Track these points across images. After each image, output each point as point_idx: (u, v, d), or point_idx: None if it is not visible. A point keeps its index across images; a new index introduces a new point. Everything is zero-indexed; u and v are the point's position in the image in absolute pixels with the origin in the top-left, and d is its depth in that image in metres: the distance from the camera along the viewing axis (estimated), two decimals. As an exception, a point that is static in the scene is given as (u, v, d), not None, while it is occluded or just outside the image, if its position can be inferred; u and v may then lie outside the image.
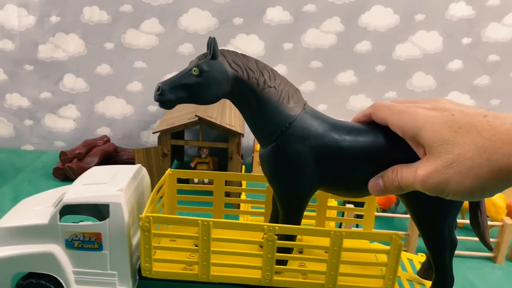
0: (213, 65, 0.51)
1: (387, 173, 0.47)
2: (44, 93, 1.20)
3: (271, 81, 0.53)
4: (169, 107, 0.53)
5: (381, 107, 0.49)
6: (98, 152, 1.09)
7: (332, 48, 1.14)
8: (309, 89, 1.17)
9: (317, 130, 0.53)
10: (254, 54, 1.13)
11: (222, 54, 0.53)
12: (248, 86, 0.53)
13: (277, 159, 0.54)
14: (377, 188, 0.49)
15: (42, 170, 1.11)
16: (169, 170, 0.73)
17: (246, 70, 0.53)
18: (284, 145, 0.54)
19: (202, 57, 0.53)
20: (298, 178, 0.54)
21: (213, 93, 0.52)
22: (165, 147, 0.98)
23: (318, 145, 0.53)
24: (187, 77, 0.52)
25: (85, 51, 1.15)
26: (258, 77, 0.53)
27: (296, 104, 0.54)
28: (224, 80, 0.52)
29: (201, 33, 1.13)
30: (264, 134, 0.55)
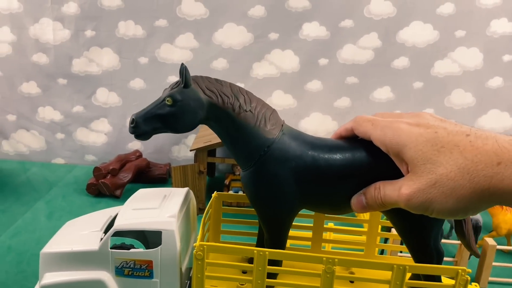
0: (187, 94, 0.52)
1: (370, 190, 0.47)
2: (76, 107, 1.20)
3: (246, 105, 0.53)
4: (145, 138, 0.54)
5: (363, 121, 0.48)
6: (132, 167, 1.08)
7: (369, 64, 1.12)
8: (344, 105, 1.15)
9: (295, 151, 0.52)
10: (288, 69, 1.13)
11: (195, 81, 0.53)
12: (223, 111, 0.53)
13: (257, 183, 0.54)
14: (360, 205, 0.48)
15: (75, 185, 1.10)
16: (215, 193, 0.71)
17: (220, 96, 0.53)
18: (264, 169, 0.53)
19: (175, 85, 0.53)
20: (279, 201, 0.54)
21: (189, 121, 0.53)
22: (202, 164, 0.96)
23: (297, 166, 0.52)
24: (161, 108, 0.52)
25: (119, 65, 1.15)
26: (233, 102, 0.53)
27: (274, 127, 0.54)
28: (199, 108, 0.52)
29: (236, 48, 1.12)
30: (244, 159, 0.54)
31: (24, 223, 0.92)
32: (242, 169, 0.58)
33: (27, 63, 1.15)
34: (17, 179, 1.12)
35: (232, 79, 1.12)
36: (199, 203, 0.98)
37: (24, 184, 1.09)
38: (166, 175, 1.14)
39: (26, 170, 1.18)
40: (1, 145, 1.24)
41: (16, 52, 1.15)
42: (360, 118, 0.49)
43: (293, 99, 1.16)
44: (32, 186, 1.09)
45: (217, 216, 0.71)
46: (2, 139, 1.23)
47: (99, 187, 1.03)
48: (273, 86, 1.15)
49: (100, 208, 1.00)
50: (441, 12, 1.07)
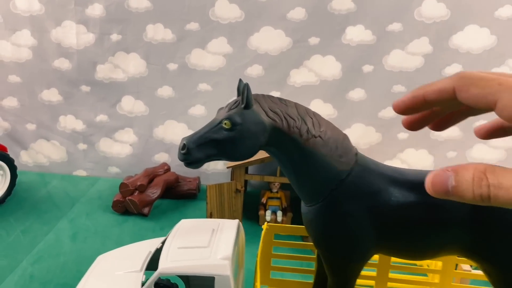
0: (247, 116, 0.44)
1: (467, 171, 0.28)
2: (100, 116, 1.12)
3: (315, 129, 0.46)
4: (197, 166, 0.46)
5: (480, 79, 0.28)
6: (160, 183, 1.00)
7: (418, 71, 1.02)
8: (390, 115, 1.06)
9: (372, 187, 0.45)
10: (329, 77, 1.04)
11: (256, 101, 0.45)
12: (289, 137, 0.46)
13: (325, 222, 0.47)
14: (442, 187, 0.29)
15: (99, 200, 1.02)
16: (266, 224, 0.62)
17: (285, 118, 0.45)
18: (335, 207, 0.46)
19: (233, 106, 0.46)
20: (351, 245, 0.46)
21: (248, 148, 0.45)
22: (239, 182, 0.88)
23: (375, 206, 0.45)
24: (217, 131, 0.45)
25: (146, 71, 1.07)
26: (300, 125, 0.45)
27: (347, 156, 0.46)
28: (261, 132, 0.45)
29: (273, 53, 1.03)
30: (309, 192, 0.47)
31: (47, 245, 0.84)
32: (306, 203, 0.50)
33: (48, 69, 1.08)
34: (37, 194, 1.05)
35: (267, 87, 1.04)
36: (235, 224, 0.90)
37: (45, 200, 1.02)
38: (196, 191, 1.06)
39: (46, 183, 1.10)
40: (20, 156, 1.16)
41: (37, 57, 1.07)
42: (471, 74, 0.29)
43: (333, 109, 1.07)
44: (54, 202, 1.01)
45: (267, 250, 0.63)
46: (21, 149, 1.16)
47: (126, 205, 0.95)
48: (312, 95, 1.06)
49: (127, 227, 0.93)
50: (500, 15, 0.97)
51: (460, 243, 0.44)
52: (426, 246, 0.46)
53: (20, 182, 1.06)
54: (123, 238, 0.88)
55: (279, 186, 0.98)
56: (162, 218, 0.96)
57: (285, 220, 0.94)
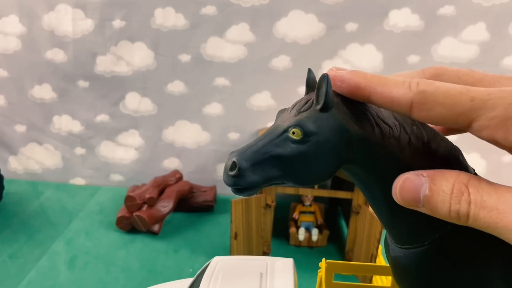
0: (325, 122, 0.30)
1: (447, 178, 0.25)
2: (100, 116, 0.97)
3: (419, 141, 0.31)
4: (251, 194, 0.32)
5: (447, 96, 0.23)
6: (172, 194, 0.85)
7: (472, 62, 0.88)
8: (437, 114, 0.91)
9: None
10: (369, 68, 0.89)
11: (336, 100, 0.31)
12: (382, 151, 0.31)
13: (434, 273, 0.33)
14: (413, 194, 0.26)
15: (101, 215, 0.88)
16: (323, 261, 0.48)
17: (377, 125, 0.31)
18: (449, 253, 0.31)
19: (303, 106, 0.31)
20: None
21: (325, 167, 0.31)
22: (269, 196, 0.74)
23: (504, 253, 0.30)
24: (281, 144, 0.31)
25: (154, 64, 0.92)
26: (399, 135, 0.31)
27: None
28: (343, 145, 0.30)
29: (302, 42, 0.88)
30: (409, 231, 0.33)
31: (40, 274, 0.70)
32: (400, 244, 0.35)
33: (40, 61, 0.93)
34: (28, 207, 0.90)
35: (295, 81, 0.88)
36: (264, 245, 0.76)
37: (37, 215, 0.87)
38: (213, 202, 0.91)
39: (39, 194, 0.95)
40: (8, 162, 1.01)
41: (26, 48, 0.92)
42: (434, 89, 0.23)
43: (372, 107, 0.92)
44: (47, 217, 0.86)
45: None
46: (9, 154, 1.01)
47: (133, 222, 0.80)
48: (347, 91, 0.91)
49: (135, 249, 0.77)
50: None
51: None
52: None
53: (8, 193, 0.91)
54: (130, 263, 0.74)
55: (313, 198, 0.83)
56: (176, 237, 0.82)
57: (320, 239, 0.80)
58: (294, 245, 0.81)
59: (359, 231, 0.73)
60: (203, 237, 0.82)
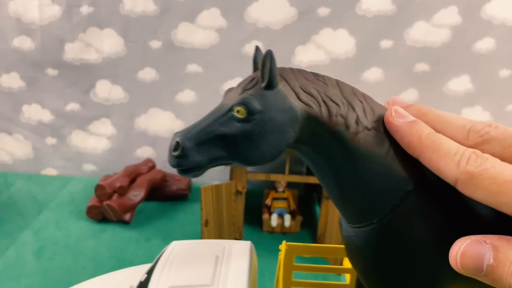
0: (270, 100, 0.30)
1: (507, 247, 0.23)
2: (71, 104, 0.95)
3: (368, 119, 0.31)
4: (197, 175, 0.31)
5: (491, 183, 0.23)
6: (144, 183, 0.84)
7: (444, 46, 0.88)
8: (411, 98, 0.91)
9: (451, 199, 0.30)
10: (341, 54, 0.88)
11: (282, 78, 0.31)
12: (330, 130, 0.31)
13: (382, 251, 0.32)
14: (476, 262, 0.24)
15: (72, 205, 0.86)
16: (284, 243, 0.47)
17: (325, 103, 0.30)
18: (397, 230, 0.31)
19: (249, 84, 0.31)
20: (418, 281, 0.32)
21: (271, 146, 0.30)
22: (240, 183, 0.73)
23: (460, 227, 0.30)
24: (226, 123, 0.30)
25: (124, 51, 0.90)
26: (346, 113, 0.30)
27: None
28: (290, 124, 0.30)
29: (275, 27, 0.87)
30: (358, 209, 0.32)
31: (6, 265, 0.68)
32: (352, 224, 0.35)
33: (6, 49, 0.90)
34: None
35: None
36: (236, 232, 0.75)
37: (6, 206, 0.85)
38: (187, 191, 0.90)
39: (8, 186, 0.93)
40: (-23, 153, 0.99)
41: (-8, 36, 0.90)
42: (481, 171, 0.24)
43: (345, 92, 0.92)
44: (17, 208, 0.84)
45: (287, 277, 0.48)
46: (-22, 145, 0.99)
47: (104, 211, 0.79)
48: (321, 76, 0.90)
49: (105, 238, 0.76)
50: (540, -21, 0.83)
51: None
52: None
53: (-24, 184, 0.89)
54: (100, 253, 0.73)
55: (286, 184, 0.83)
56: (148, 226, 0.81)
57: (293, 225, 0.80)
58: (268, 232, 0.81)
59: (330, 216, 0.73)
60: (175, 226, 0.82)
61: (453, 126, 0.27)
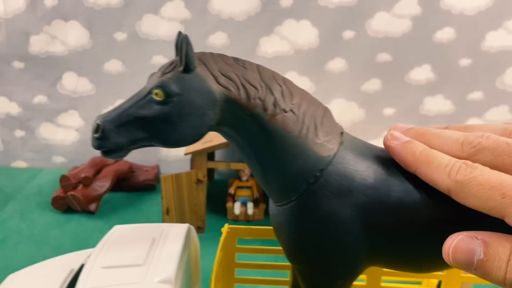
0: (188, 83, 0.31)
1: (503, 244, 0.24)
2: (38, 97, 0.95)
3: (285, 101, 0.33)
4: (120, 156, 0.33)
5: (480, 189, 0.25)
6: (109, 174, 0.85)
7: (405, 37, 0.89)
8: (374, 88, 0.93)
9: (365, 177, 0.32)
10: (305, 45, 0.89)
11: (201, 62, 0.32)
12: (248, 112, 0.32)
13: (301, 227, 0.34)
14: (467, 256, 0.25)
15: (39, 197, 0.87)
16: (226, 226, 0.49)
17: (243, 86, 0.32)
18: (313, 206, 0.33)
19: (168, 68, 0.32)
20: (336, 257, 0.34)
21: (191, 128, 0.32)
22: (200, 172, 0.74)
23: (368, 203, 0.32)
24: (145, 106, 0.32)
25: (89, 43, 0.90)
26: (264, 96, 0.32)
27: (329, 137, 0.33)
28: (208, 106, 0.32)
29: (238, 19, 0.88)
30: (279, 188, 0.34)
31: (-33, 255, 0.69)
32: (275, 202, 0.36)
33: (-28, 42, 0.91)
34: (-37, 191, 0.88)
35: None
36: (198, 220, 0.76)
37: (-28, 198, 0.86)
38: (154, 181, 0.91)
39: (-23, 178, 0.94)
40: None
41: (-43, 29, 0.90)
42: (470, 179, 0.25)
43: (310, 83, 0.93)
44: (-17, 200, 0.85)
45: (230, 259, 0.49)
46: None
47: (68, 201, 0.80)
48: (286, 67, 0.92)
49: (69, 228, 0.77)
50: (497, -31, 0.85)
51: None
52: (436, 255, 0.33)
53: None
54: (63, 242, 0.74)
55: (250, 173, 0.84)
56: (113, 216, 0.82)
57: (257, 212, 0.81)
58: (232, 220, 0.82)
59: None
60: (141, 216, 0.83)
61: (448, 141, 0.29)
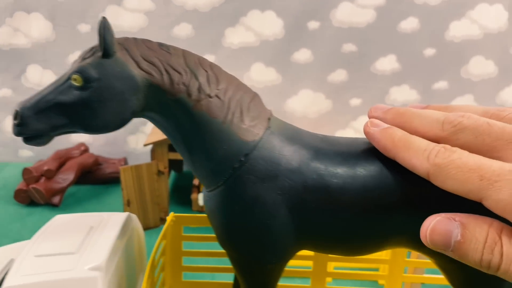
0: (108, 68, 0.31)
1: (481, 226, 0.23)
2: (2, 90, 0.94)
3: (211, 87, 0.33)
4: (40, 143, 0.33)
5: (458, 172, 0.24)
6: (73, 166, 0.85)
7: (370, 27, 0.89)
8: (340, 79, 0.93)
9: (290, 162, 0.33)
10: (270, 36, 0.89)
11: (123, 47, 0.32)
12: (173, 98, 0.32)
13: (228, 212, 0.34)
14: (444, 238, 0.24)
15: (3, 190, 0.86)
16: (171, 215, 0.49)
17: (167, 71, 0.32)
18: (239, 191, 0.33)
19: (88, 53, 0.32)
20: (264, 241, 0.34)
21: (112, 114, 0.32)
22: (161, 163, 0.74)
23: (293, 187, 0.32)
24: (64, 92, 0.32)
25: (53, 35, 0.90)
26: (188, 81, 0.32)
27: (255, 122, 0.34)
28: (130, 91, 0.32)
29: (203, 10, 0.88)
30: (207, 173, 0.35)
31: None
32: (206, 188, 0.37)
33: None
34: None
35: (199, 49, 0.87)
36: (161, 212, 0.76)
37: None
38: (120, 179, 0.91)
39: None
40: None
41: None
42: (448, 163, 0.25)
43: (277, 74, 0.93)
44: None
45: (176, 247, 0.50)
46: None
47: (31, 195, 0.80)
48: (252, 58, 0.92)
49: (31, 221, 0.76)
50: (460, -41, 0.85)
51: (408, 233, 0.32)
52: (363, 238, 0.34)
53: None
54: (24, 234, 0.73)
55: (215, 164, 0.84)
56: (77, 208, 0.81)
57: (221, 203, 0.81)
58: (197, 211, 0.82)
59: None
60: (105, 208, 0.82)
61: (429, 120, 0.28)
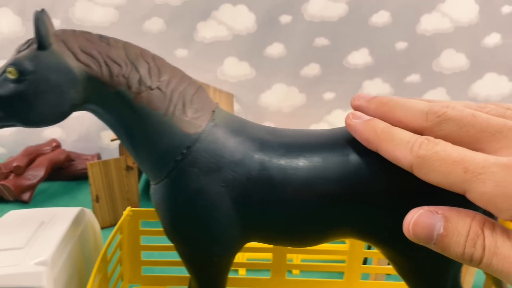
0: (44, 60, 0.31)
1: (463, 219, 0.23)
2: (-28, 86, 0.93)
3: (152, 79, 0.33)
4: None
5: (442, 164, 0.24)
6: (44, 162, 0.84)
7: (342, 20, 0.90)
8: (313, 73, 0.93)
9: (233, 154, 0.33)
10: (243, 30, 0.89)
11: (60, 39, 0.31)
12: (112, 90, 0.32)
13: (172, 204, 0.34)
14: (426, 231, 0.24)
15: (-28, 188, 0.85)
16: (128, 209, 0.49)
17: (106, 64, 0.32)
18: (182, 183, 0.33)
19: (23, 46, 0.32)
20: (209, 233, 0.34)
21: (50, 107, 0.31)
22: (130, 158, 0.73)
23: (237, 180, 0.32)
24: (0, 85, 0.31)
25: (22, 30, 0.89)
26: (128, 73, 0.32)
27: (198, 114, 0.33)
28: (68, 84, 0.31)
29: (174, 3, 0.87)
30: (151, 166, 0.34)
31: None
32: (152, 181, 0.37)
33: None
34: None
35: (171, 44, 0.88)
36: (132, 206, 0.76)
37: None
38: (90, 174, 0.90)
39: None
40: None
41: None
42: (431, 155, 0.24)
43: (250, 68, 0.93)
44: None
45: (134, 242, 0.49)
46: None
47: (0, 192, 0.79)
48: (225, 52, 0.91)
49: (2, 219, 0.77)
50: (429, -48, 0.86)
51: (355, 223, 0.33)
52: (306, 229, 0.34)
53: None
54: (-9, 232, 0.72)
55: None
56: (47, 205, 0.81)
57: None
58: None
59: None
60: (75, 204, 0.80)
61: (413, 110, 0.28)
